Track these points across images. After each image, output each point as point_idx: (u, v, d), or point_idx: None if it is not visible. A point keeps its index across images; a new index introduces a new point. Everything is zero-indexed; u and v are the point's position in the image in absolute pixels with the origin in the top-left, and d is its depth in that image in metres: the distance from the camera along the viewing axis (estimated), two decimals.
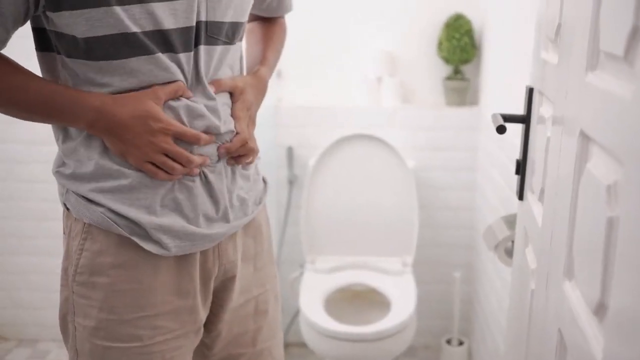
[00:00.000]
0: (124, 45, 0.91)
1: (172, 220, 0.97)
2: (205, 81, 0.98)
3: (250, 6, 1.07)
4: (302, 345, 2.41)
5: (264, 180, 1.17)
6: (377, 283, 2.24)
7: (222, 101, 1.01)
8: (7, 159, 2.49)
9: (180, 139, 0.95)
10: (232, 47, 1.04)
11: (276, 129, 2.47)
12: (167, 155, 0.95)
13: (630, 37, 0.55)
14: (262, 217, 1.16)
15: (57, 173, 1.01)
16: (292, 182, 2.49)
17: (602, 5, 0.66)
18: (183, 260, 1.00)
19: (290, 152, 2.47)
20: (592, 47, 0.68)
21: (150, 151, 0.94)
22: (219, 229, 1.02)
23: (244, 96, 1.05)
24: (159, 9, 0.91)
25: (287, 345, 2.61)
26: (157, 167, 0.95)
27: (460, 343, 2.49)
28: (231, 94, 1.04)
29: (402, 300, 2.12)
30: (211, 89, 0.99)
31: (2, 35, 0.90)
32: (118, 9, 0.88)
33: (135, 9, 0.89)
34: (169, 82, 0.95)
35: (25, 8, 0.89)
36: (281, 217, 2.51)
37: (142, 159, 0.94)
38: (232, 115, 1.03)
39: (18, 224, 2.54)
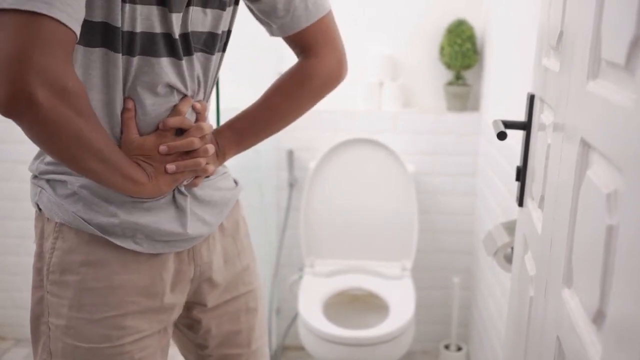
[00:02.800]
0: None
1: (148, 220, 0.97)
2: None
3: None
4: (301, 348, 2.41)
5: (235, 182, 1.16)
6: (376, 287, 2.24)
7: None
8: (9, 159, 2.49)
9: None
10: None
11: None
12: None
13: (632, 46, 0.55)
14: (238, 216, 1.16)
15: (41, 165, 0.98)
16: (292, 185, 2.49)
17: (604, 14, 0.66)
18: (154, 260, 1.00)
19: (290, 155, 2.47)
20: (593, 55, 0.69)
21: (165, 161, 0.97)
22: (195, 229, 1.02)
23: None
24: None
25: (285, 349, 2.61)
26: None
27: (459, 349, 2.49)
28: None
29: (401, 305, 2.12)
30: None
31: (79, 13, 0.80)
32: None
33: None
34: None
35: None
36: (281, 220, 2.51)
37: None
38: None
39: (20, 225, 2.54)
